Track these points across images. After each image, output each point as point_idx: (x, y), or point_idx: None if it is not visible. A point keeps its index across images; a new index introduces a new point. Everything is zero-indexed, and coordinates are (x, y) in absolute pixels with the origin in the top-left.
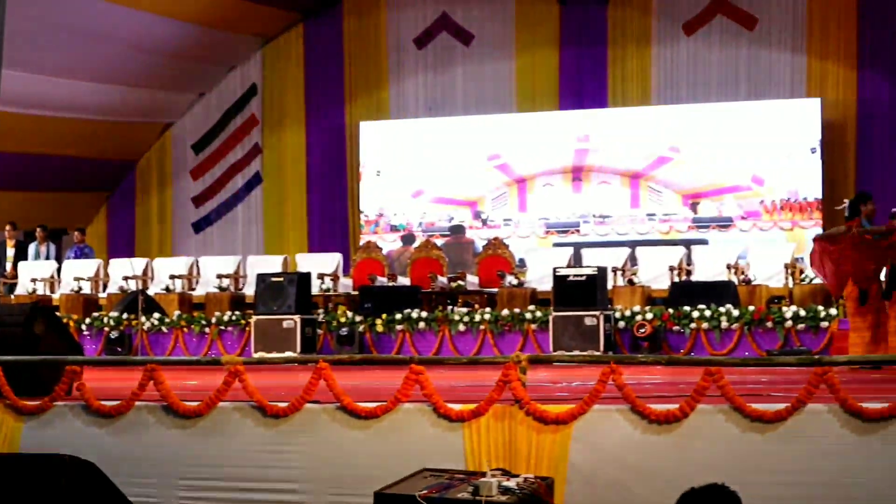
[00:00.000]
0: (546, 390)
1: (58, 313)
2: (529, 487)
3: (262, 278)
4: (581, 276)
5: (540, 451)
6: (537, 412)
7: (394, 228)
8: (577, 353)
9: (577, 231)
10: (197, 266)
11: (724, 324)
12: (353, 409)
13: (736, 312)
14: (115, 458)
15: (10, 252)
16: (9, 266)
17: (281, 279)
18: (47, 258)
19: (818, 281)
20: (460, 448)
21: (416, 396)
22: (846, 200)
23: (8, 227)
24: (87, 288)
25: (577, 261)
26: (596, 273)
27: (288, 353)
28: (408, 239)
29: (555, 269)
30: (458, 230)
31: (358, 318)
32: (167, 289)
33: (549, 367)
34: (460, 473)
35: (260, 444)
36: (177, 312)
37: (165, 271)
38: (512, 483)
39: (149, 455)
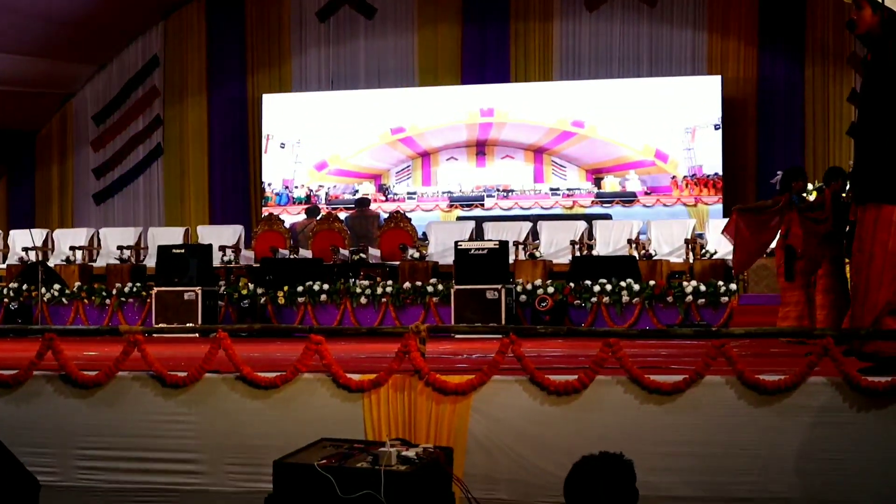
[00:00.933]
0: (446, 362)
1: None
2: (429, 457)
3: (163, 250)
4: (483, 249)
5: (440, 422)
6: (437, 382)
7: (297, 201)
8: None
9: (481, 205)
10: (98, 237)
11: (626, 298)
12: (253, 379)
13: (637, 287)
14: (13, 428)
15: None
16: None
17: (182, 251)
18: None
19: (719, 256)
20: (360, 418)
21: (316, 367)
22: (779, 172)
23: None
24: None
25: (479, 235)
26: (497, 247)
27: (189, 323)
28: (312, 211)
29: (456, 243)
30: (363, 203)
31: (259, 291)
32: (67, 260)
33: (450, 341)
34: (359, 443)
35: (159, 414)
36: (77, 284)
37: (66, 242)
38: (411, 453)
39: (47, 424)
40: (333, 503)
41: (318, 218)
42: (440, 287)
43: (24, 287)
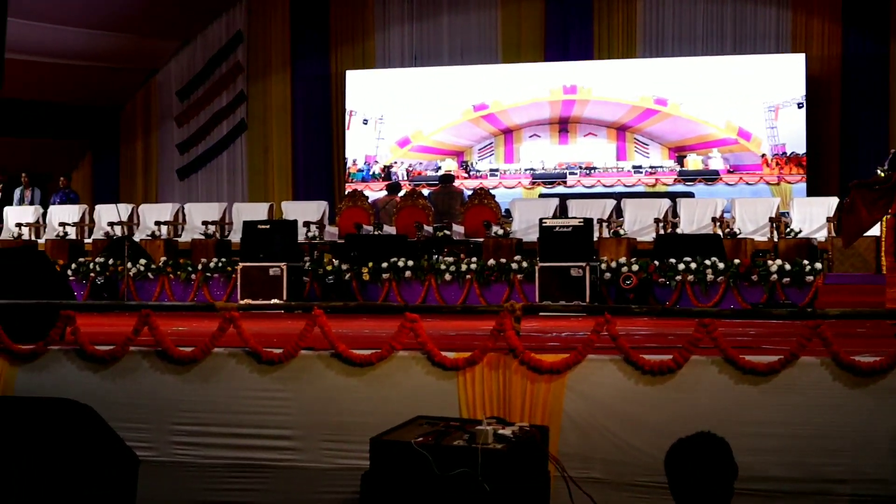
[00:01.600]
0: (538, 340)
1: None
2: (525, 435)
3: (248, 226)
4: (567, 227)
5: (534, 400)
6: (532, 361)
7: (378, 177)
8: (563, 303)
9: (564, 182)
10: (183, 212)
11: (710, 277)
12: (348, 356)
13: (721, 265)
14: (110, 403)
15: None
16: None
17: (267, 226)
18: (32, 203)
19: (804, 235)
20: (454, 396)
21: (411, 344)
22: (893, 150)
23: (23, 176)
24: (72, 233)
25: (562, 212)
26: (582, 224)
27: (275, 301)
28: (393, 188)
29: (541, 220)
30: (447, 179)
31: (344, 267)
32: (153, 235)
33: (536, 319)
34: (455, 421)
35: (254, 390)
36: (163, 259)
37: (151, 217)
38: (507, 431)
39: (143, 400)
40: (430, 481)
41: (399, 194)
42: (524, 264)
43: (111, 262)
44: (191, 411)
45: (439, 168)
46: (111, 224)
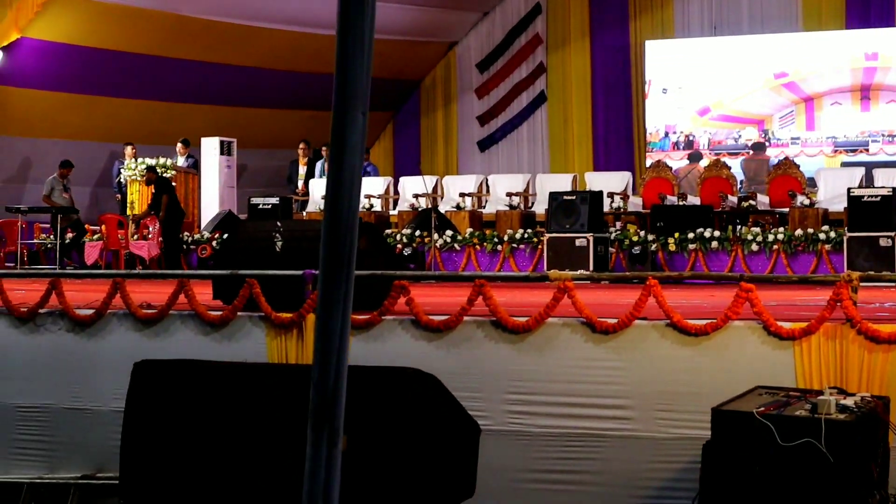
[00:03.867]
0: (868, 311)
1: None
2: (867, 406)
3: (554, 196)
4: (875, 196)
5: (872, 370)
6: (869, 331)
7: (678, 146)
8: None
9: (866, 150)
10: (486, 184)
11: None
12: (683, 326)
13: None
14: (444, 372)
15: (302, 170)
16: (300, 183)
17: (573, 197)
18: None
19: None
20: (791, 366)
21: (746, 314)
22: None
23: (302, 145)
24: (377, 205)
25: (868, 181)
26: (891, 194)
27: (580, 272)
28: (695, 157)
29: (849, 190)
30: (759, 147)
31: (650, 237)
32: (458, 206)
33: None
34: (795, 391)
35: (588, 360)
36: (469, 230)
37: (455, 189)
38: (849, 401)
39: (477, 369)
40: (772, 450)
41: (701, 163)
42: (832, 234)
43: (417, 233)
44: (524, 380)
45: (739, 136)
46: (416, 196)
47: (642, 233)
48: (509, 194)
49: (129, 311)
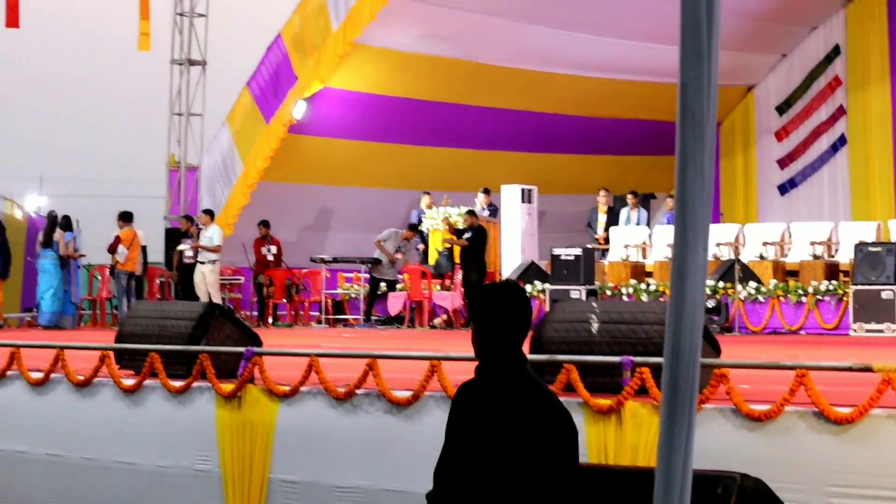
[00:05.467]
0: None
1: (651, 279)
2: None
3: (859, 247)
4: None
5: None
6: None
7: None
8: None
9: None
10: (788, 232)
11: None
12: None
13: None
14: (764, 463)
15: (602, 217)
16: (600, 231)
17: (879, 248)
18: (638, 223)
19: None
20: None
21: None
22: None
23: (602, 192)
24: None
25: None
26: None
27: (886, 324)
28: None
29: None
30: None
31: None
32: (760, 256)
33: None
34: None
35: None
36: (772, 281)
37: (757, 237)
38: None
39: (798, 461)
40: None
41: None
42: None
43: (720, 284)
44: (848, 473)
45: None
46: (718, 244)
47: None
48: (812, 243)
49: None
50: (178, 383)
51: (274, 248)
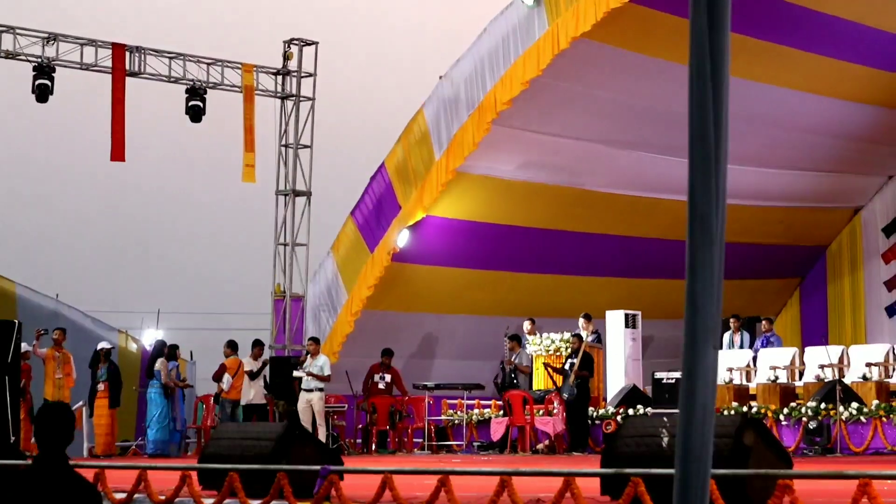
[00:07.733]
0: None
1: (753, 402)
2: None
3: None
4: None
5: None
6: None
7: None
8: None
9: None
10: (893, 353)
11: None
12: None
13: None
14: None
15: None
16: None
17: None
18: (741, 347)
19: None
20: None
21: None
22: None
23: (732, 321)
24: (783, 377)
25: None
26: None
27: None
28: None
29: None
30: None
31: None
32: (864, 377)
33: None
34: None
35: None
36: (875, 402)
37: (861, 358)
38: None
39: None
40: None
41: None
42: None
43: (822, 406)
44: None
45: None
46: (821, 366)
47: None
48: None
49: None
50: (256, 502)
51: (388, 377)
